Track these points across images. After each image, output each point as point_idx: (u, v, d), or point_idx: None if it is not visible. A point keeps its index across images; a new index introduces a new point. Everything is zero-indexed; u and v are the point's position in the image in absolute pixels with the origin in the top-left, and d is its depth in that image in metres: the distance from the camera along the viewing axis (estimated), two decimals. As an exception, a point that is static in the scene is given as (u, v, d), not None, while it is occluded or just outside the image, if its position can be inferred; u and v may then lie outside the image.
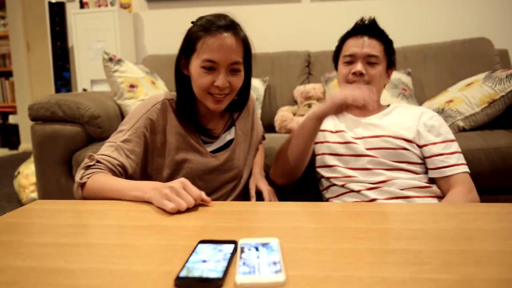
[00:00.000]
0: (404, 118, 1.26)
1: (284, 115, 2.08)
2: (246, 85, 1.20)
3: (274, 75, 2.40)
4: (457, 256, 0.59)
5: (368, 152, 1.20)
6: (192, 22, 1.13)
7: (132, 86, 1.90)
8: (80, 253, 0.62)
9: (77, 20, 2.87)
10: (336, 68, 1.41)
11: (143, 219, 0.79)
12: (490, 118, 1.71)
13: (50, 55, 3.04)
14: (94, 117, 1.72)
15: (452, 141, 1.20)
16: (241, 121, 1.31)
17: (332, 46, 2.61)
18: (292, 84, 2.38)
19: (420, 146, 1.20)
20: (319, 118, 1.18)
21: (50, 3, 2.99)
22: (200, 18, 1.11)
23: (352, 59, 1.29)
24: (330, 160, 1.26)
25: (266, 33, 2.86)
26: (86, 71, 2.90)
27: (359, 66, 1.26)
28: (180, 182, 0.85)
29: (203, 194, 0.85)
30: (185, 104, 1.14)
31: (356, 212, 0.81)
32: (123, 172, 1.04)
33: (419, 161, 1.20)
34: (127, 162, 1.05)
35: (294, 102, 2.33)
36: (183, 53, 1.12)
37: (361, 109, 1.17)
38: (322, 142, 1.31)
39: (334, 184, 1.24)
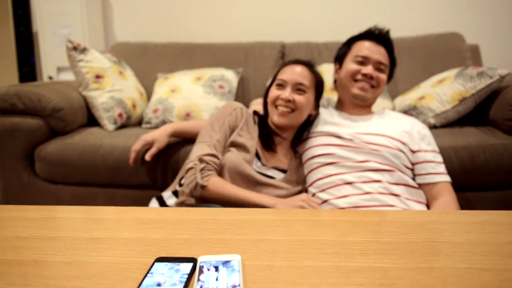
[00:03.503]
0: (397, 123, 1.32)
1: (257, 109, 2.03)
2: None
3: (248, 66, 2.34)
4: (425, 275, 0.56)
5: (371, 146, 1.24)
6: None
7: (98, 76, 1.82)
8: (26, 273, 0.57)
9: (41, 4, 2.72)
10: (340, 64, 1.42)
11: (98, 229, 0.74)
12: (460, 115, 1.71)
13: (13, 40, 2.90)
14: (57, 110, 1.63)
15: (438, 152, 1.29)
16: (293, 170, 1.33)
17: (307, 36, 2.60)
18: (266, 76, 2.33)
19: (413, 151, 1.26)
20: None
21: (12, -15, 2.84)
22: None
23: (363, 61, 1.33)
24: (330, 149, 1.28)
25: (239, 21, 2.79)
26: (52, 58, 2.77)
27: (370, 69, 1.31)
28: None
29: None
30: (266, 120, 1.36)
31: (324, 222, 0.78)
32: (218, 168, 1.21)
33: (410, 166, 1.25)
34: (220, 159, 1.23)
35: (268, 95, 2.29)
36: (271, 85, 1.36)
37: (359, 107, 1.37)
38: (322, 135, 1.33)
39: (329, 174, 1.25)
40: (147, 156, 1.41)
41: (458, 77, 1.73)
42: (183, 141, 1.57)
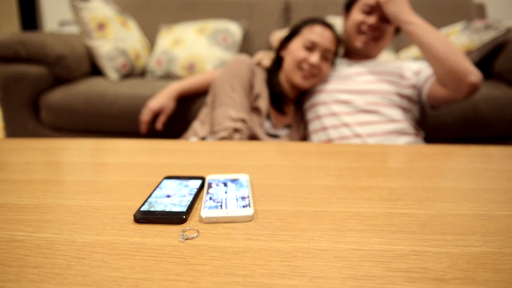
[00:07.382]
0: (395, 63, 1.31)
1: (260, 61, 2.02)
2: None
3: (252, 21, 2.30)
4: (431, 192, 0.57)
5: (371, 92, 1.23)
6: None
7: (101, 25, 1.79)
8: (35, 189, 0.58)
9: (41, -45, 2.66)
10: (347, 13, 1.37)
11: (107, 156, 0.75)
12: (467, 67, 1.69)
13: (13, -7, 2.85)
14: (61, 57, 1.62)
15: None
16: (294, 130, 1.34)
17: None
18: (270, 30, 2.29)
19: (414, 86, 1.24)
20: None
21: None
22: None
23: (370, 10, 1.28)
24: (332, 96, 1.27)
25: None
26: (54, 11, 2.73)
27: (374, 19, 1.26)
28: None
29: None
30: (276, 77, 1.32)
31: (330, 152, 0.78)
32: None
33: (408, 93, 1.23)
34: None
35: (271, 49, 2.26)
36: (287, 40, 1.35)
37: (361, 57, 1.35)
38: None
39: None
40: (159, 125, 1.41)
41: (465, 30, 1.70)
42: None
